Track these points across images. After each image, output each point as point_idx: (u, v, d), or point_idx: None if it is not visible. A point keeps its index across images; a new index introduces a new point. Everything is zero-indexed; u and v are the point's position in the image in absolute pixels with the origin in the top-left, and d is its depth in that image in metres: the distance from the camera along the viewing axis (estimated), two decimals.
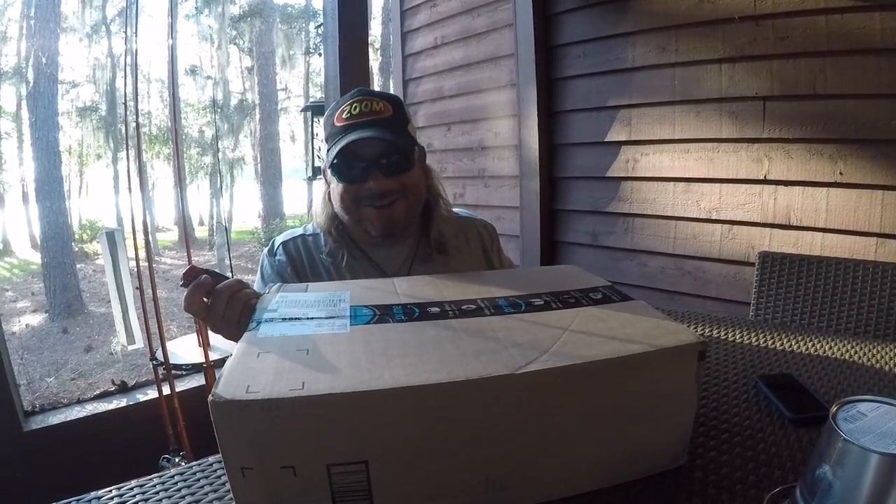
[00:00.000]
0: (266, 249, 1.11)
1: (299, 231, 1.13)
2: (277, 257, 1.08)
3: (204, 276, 0.77)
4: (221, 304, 0.75)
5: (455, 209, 1.20)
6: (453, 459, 0.54)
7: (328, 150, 1.01)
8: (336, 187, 1.02)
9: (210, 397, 0.48)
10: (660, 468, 0.64)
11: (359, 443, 0.51)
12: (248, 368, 0.53)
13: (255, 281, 1.10)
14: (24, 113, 11.14)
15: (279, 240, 1.11)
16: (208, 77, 14.30)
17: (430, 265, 1.08)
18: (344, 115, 0.99)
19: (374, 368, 0.53)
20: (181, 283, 0.77)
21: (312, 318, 0.66)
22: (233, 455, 0.50)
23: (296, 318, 0.66)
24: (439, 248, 1.10)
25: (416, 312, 0.67)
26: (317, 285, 0.82)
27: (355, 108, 0.99)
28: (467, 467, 0.55)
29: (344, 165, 0.98)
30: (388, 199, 1.00)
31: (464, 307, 0.69)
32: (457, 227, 1.16)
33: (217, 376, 0.52)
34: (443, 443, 0.53)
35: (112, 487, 0.66)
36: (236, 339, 0.79)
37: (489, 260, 1.19)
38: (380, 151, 0.98)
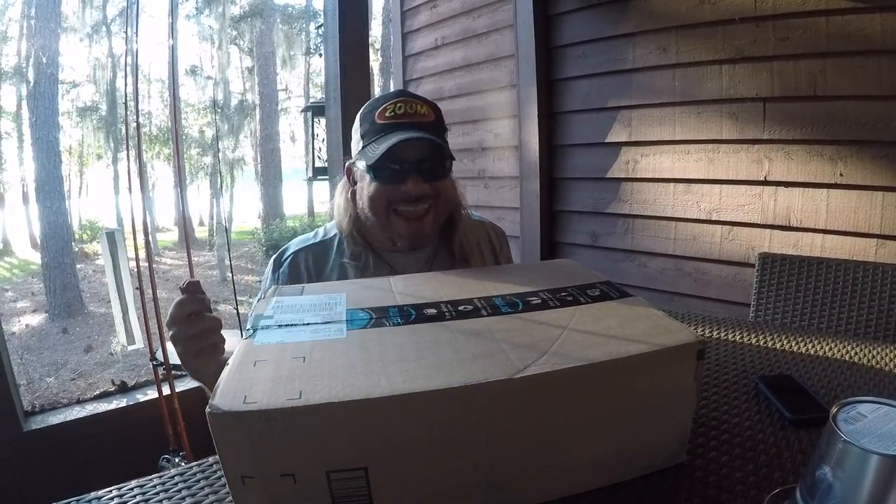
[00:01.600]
0: (274, 258, 1.08)
1: (311, 239, 1.09)
2: (282, 270, 1.06)
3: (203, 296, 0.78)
4: (202, 327, 0.77)
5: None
6: (453, 463, 0.54)
7: (364, 148, 0.98)
8: (367, 187, 0.99)
9: (207, 409, 0.48)
10: (659, 466, 0.64)
11: (357, 449, 0.51)
12: (244, 378, 0.53)
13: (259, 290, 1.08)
14: (25, 113, 11.14)
15: (291, 249, 1.08)
16: (209, 77, 14.32)
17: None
18: (387, 114, 0.97)
19: (371, 375, 0.53)
20: (182, 286, 0.78)
21: (308, 324, 0.65)
22: (232, 464, 0.50)
23: (292, 325, 0.65)
24: (462, 257, 1.08)
25: (412, 315, 0.67)
26: (313, 287, 0.81)
27: (399, 107, 0.97)
28: (467, 470, 0.55)
29: (389, 163, 0.95)
30: (421, 204, 0.98)
31: (460, 308, 0.68)
32: (470, 231, 1.15)
33: (214, 386, 0.52)
34: (442, 447, 0.53)
35: (112, 487, 0.66)
36: (185, 364, 0.81)
37: (498, 263, 1.18)
38: (422, 155, 0.96)
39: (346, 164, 1.06)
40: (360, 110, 1.03)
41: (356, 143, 1.02)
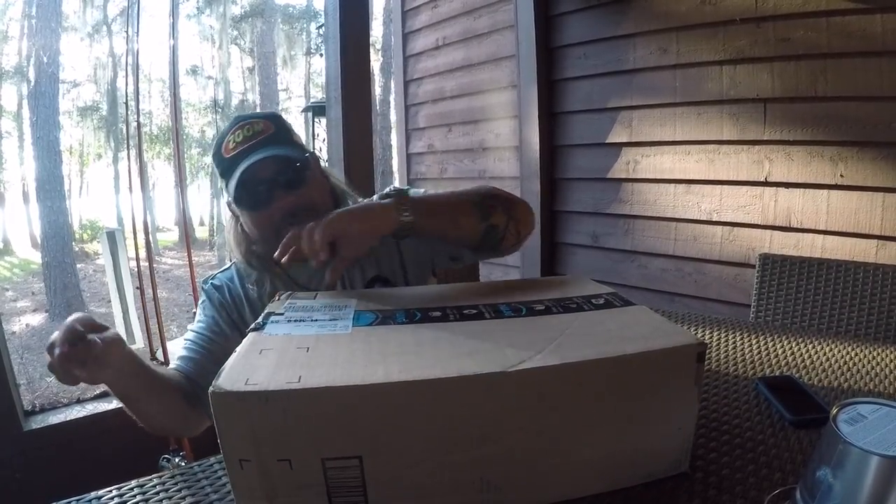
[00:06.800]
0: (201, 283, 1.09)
1: (229, 265, 1.10)
2: (203, 297, 1.06)
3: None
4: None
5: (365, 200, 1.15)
6: (447, 458, 0.54)
7: (227, 185, 0.98)
8: (245, 219, 1.00)
9: (210, 388, 0.50)
10: (661, 474, 0.63)
11: (353, 437, 0.52)
12: (249, 363, 0.55)
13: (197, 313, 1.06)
14: (25, 112, 11.16)
15: (210, 279, 1.08)
16: (209, 77, 14.33)
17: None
18: (230, 146, 0.97)
19: (370, 365, 0.54)
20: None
21: (316, 320, 0.68)
22: (231, 446, 0.51)
23: (300, 320, 0.68)
24: None
25: (417, 316, 0.69)
26: (325, 293, 0.83)
27: (238, 136, 0.97)
28: (462, 467, 0.55)
29: (246, 194, 0.96)
30: (299, 217, 0.95)
31: (465, 311, 0.70)
32: None
33: (219, 371, 0.53)
34: (436, 441, 0.54)
35: (112, 487, 0.66)
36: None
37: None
38: (276, 170, 0.96)
39: (227, 201, 1.06)
40: (211, 152, 1.04)
41: (221, 183, 1.02)
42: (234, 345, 0.61)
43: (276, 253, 0.82)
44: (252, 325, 0.66)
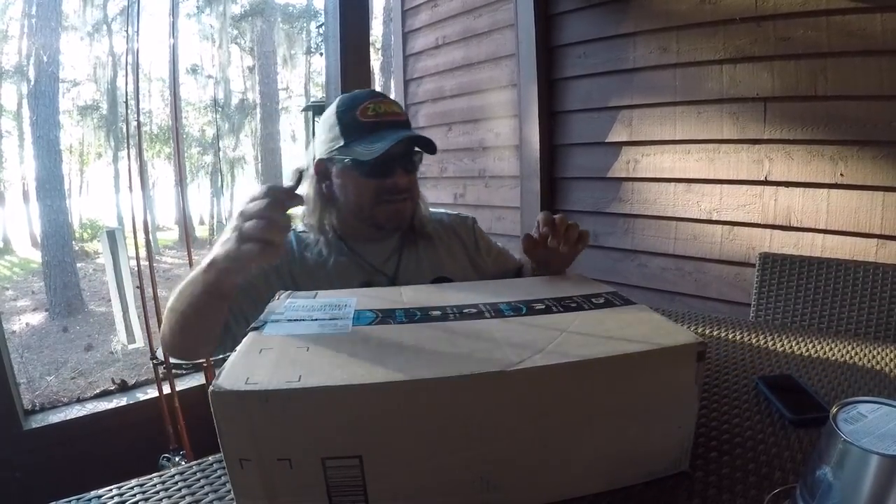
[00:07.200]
0: None
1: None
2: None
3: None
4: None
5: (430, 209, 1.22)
6: (448, 458, 0.54)
7: (348, 144, 1.01)
8: (355, 181, 1.04)
9: (210, 388, 0.50)
10: (661, 473, 0.63)
11: (353, 437, 0.52)
12: (249, 363, 0.55)
13: None
14: (25, 111, 11.15)
15: None
16: (209, 76, 14.32)
17: (415, 251, 1.12)
18: (369, 112, 1.02)
19: (370, 364, 0.54)
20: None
21: (316, 320, 0.67)
22: (231, 446, 0.51)
23: (300, 320, 0.68)
24: (422, 233, 1.14)
25: (416, 315, 0.69)
26: (325, 292, 0.83)
27: (380, 106, 1.03)
28: (462, 466, 0.55)
29: (378, 161, 1.00)
30: (402, 195, 1.05)
31: (465, 311, 0.70)
32: (435, 225, 1.19)
33: (219, 371, 0.53)
34: (436, 440, 0.54)
35: (112, 486, 0.66)
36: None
37: (473, 258, 1.21)
38: (405, 150, 1.03)
39: (318, 160, 1.09)
40: (333, 109, 1.07)
41: (333, 140, 1.05)
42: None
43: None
44: (251, 325, 0.66)
